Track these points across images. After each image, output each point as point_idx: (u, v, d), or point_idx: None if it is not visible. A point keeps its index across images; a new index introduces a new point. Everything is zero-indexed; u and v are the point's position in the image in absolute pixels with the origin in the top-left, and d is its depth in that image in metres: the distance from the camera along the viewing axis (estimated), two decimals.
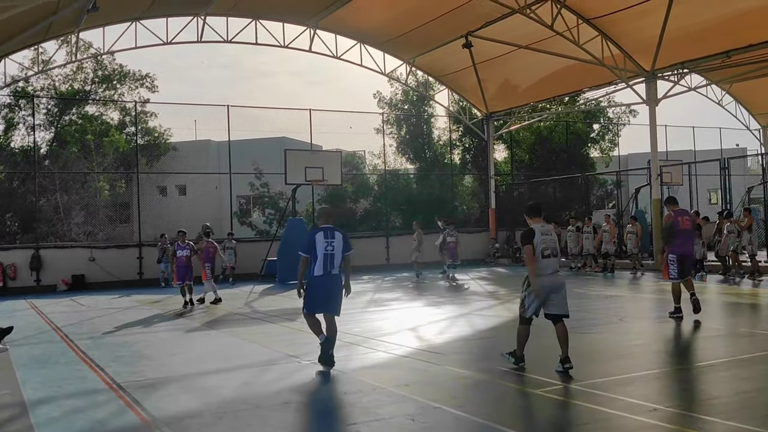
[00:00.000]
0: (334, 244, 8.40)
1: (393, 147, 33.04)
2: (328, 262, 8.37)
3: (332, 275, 8.45)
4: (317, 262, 8.36)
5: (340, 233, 8.54)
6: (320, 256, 8.33)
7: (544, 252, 7.81)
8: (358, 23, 25.25)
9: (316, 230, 8.54)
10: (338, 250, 8.43)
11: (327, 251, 8.34)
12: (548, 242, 7.86)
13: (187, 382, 8.26)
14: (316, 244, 8.36)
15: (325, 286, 8.46)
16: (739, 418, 5.87)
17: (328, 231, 8.46)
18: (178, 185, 36.13)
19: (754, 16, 19.88)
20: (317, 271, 8.38)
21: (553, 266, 7.88)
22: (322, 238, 8.37)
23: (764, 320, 12.35)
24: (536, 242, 7.79)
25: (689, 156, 31.31)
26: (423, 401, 6.78)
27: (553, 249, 7.89)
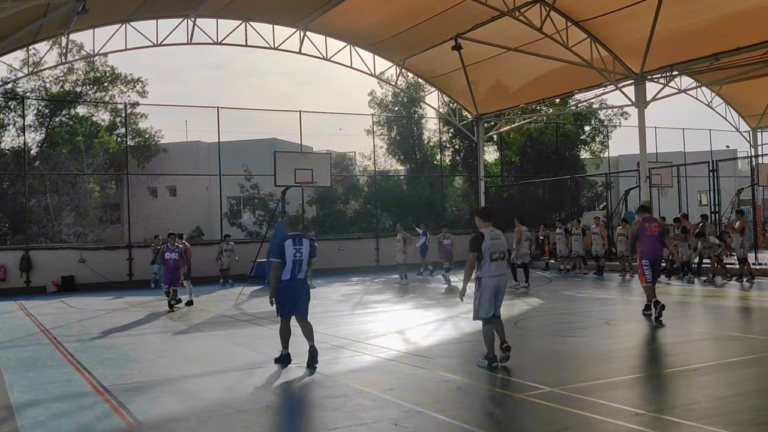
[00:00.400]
0: (302, 250, 8.88)
1: (383, 148, 33.13)
2: (295, 268, 8.84)
3: (298, 279, 8.89)
4: (286, 268, 8.80)
5: (307, 240, 9.07)
6: (289, 262, 8.78)
7: (493, 255, 8.28)
8: (348, 25, 25.26)
9: (286, 237, 8.96)
10: (305, 256, 8.91)
11: (296, 257, 8.81)
12: (497, 246, 8.35)
13: (173, 385, 8.27)
14: (285, 251, 8.78)
15: (293, 290, 8.89)
16: (722, 423, 5.91)
17: (297, 238, 8.93)
18: (169, 186, 36.07)
19: (742, 19, 19.98)
20: (285, 275, 8.82)
21: (501, 269, 8.37)
22: (291, 245, 8.83)
23: (749, 324, 12.43)
24: (485, 246, 8.26)
25: (679, 158, 31.42)
26: (407, 405, 6.80)
27: (501, 252, 8.37)
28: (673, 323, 12.27)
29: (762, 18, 19.60)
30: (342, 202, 31.68)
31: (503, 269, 8.39)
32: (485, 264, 8.27)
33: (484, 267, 8.29)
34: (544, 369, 8.60)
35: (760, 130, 32.84)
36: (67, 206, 30.73)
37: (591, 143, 36.61)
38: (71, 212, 30.92)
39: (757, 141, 33.03)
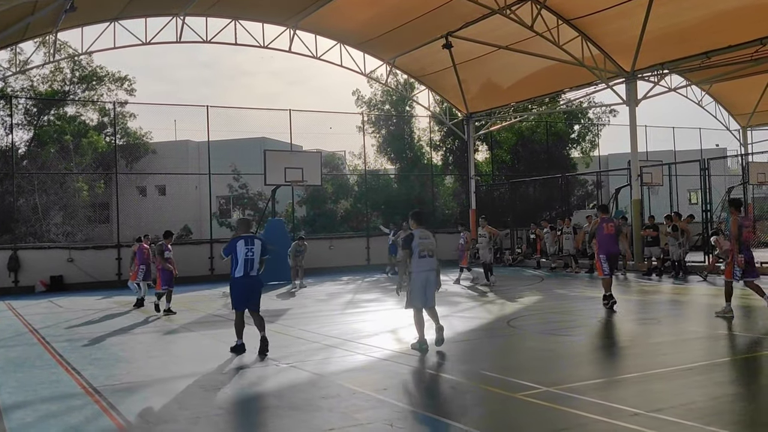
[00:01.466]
0: (254, 250, 9.73)
1: (373, 147, 33.04)
2: (247, 266, 9.69)
3: (251, 276, 9.75)
4: (238, 266, 9.67)
5: (260, 240, 9.93)
6: (241, 261, 9.65)
7: (422, 253, 9.38)
8: (338, 23, 25.15)
9: (238, 238, 9.82)
10: (257, 255, 9.76)
11: (247, 256, 9.67)
12: (426, 245, 9.46)
13: (162, 385, 8.16)
14: (237, 250, 9.66)
15: (245, 286, 9.75)
16: (719, 423, 5.86)
17: (249, 239, 9.79)
18: (158, 185, 35.87)
19: (733, 17, 20.03)
20: (238, 273, 9.70)
21: (430, 264, 9.46)
22: (243, 245, 9.70)
23: (742, 322, 12.40)
24: (415, 245, 9.37)
25: (669, 156, 31.52)
26: (402, 406, 6.73)
27: (429, 250, 9.46)
28: (666, 322, 12.28)
29: (753, 16, 19.66)
30: (332, 201, 31.56)
31: (432, 265, 9.46)
32: (415, 260, 9.37)
33: (414, 263, 9.39)
34: (538, 368, 8.53)
35: (749, 128, 33.00)
36: (56, 205, 30.48)
37: (581, 142, 36.65)
38: (60, 211, 30.67)
39: (747, 139, 33.17)
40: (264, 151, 23.17)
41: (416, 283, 9.43)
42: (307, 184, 24.89)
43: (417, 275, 9.42)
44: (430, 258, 9.44)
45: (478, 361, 9.04)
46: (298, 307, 15.67)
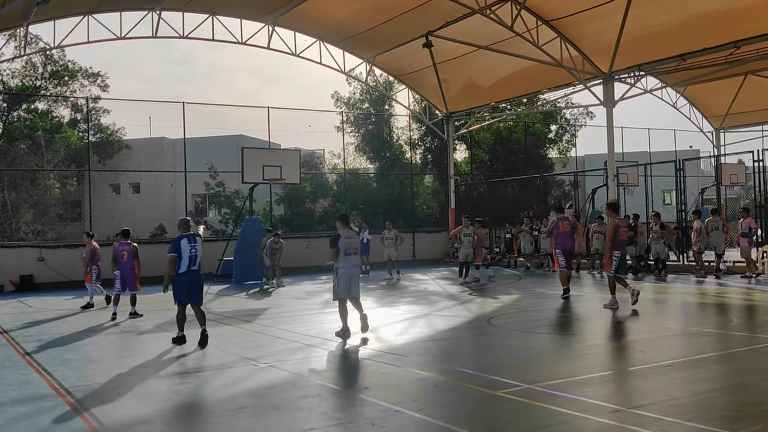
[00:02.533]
0: (197, 247, 10.45)
1: (352, 146, 32.89)
2: (191, 262, 10.35)
3: (194, 272, 10.42)
4: (182, 262, 10.28)
5: (200, 238, 10.71)
6: (185, 257, 10.28)
7: (348, 251, 10.47)
8: (318, 20, 25.01)
9: (181, 237, 10.42)
10: (199, 252, 10.50)
11: (191, 253, 10.34)
12: (351, 244, 10.53)
13: (138, 386, 7.98)
14: (181, 248, 10.27)
15: (189, 281, 10.39)
16: (700, 419, 5.87)
17: (191, 237, 10.47)
18: (132, 183, 35.43)
19: (708, 21, 20.24)
20: (182, 268, 10.30)
21: (354, 261, 10.59)
22: (187, 242, 10.36)
23: (719, 319, 12.51)
24: (341, 244, 10.42)
25: (645, 157, 31.78)
26: (383, 404, 6.63)
27: (354, 249, 10.56)
28: (645, 319, 12.34)
29: (727, 19, 19.88)
30: (310, 200, 31.38)
31: (355, 262, 10.65)
32: (341, 257, 10.44)
33: (340, 260, 10.44)
34: (519, 366, 8.51)
35: (722, 130, 33.41)
36: (26, 203, 29.95)
37: (558, 142, 36.87)
38: (30, 209, 30.15)
39: (720, 141, 33.59)
40: (241, 149, 22.95)
41: (342, 278, 10.49)
42: (286, 183, 24.70)
43: (343, 271, 10.49)
44: (355, 255, 10.59)
45: (459, 360, 8.98)
46: (276, 307, 15.52)
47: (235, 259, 22.41)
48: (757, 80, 27.23)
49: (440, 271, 24.72)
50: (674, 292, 16.48)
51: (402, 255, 22.99)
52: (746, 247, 18.93)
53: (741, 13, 19.53)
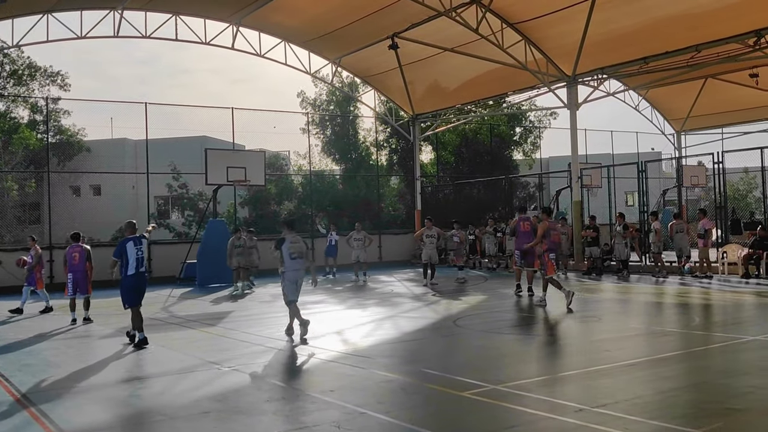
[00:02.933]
0: (142, 249, 10.63)
1: (318, 147, 32.75)
2: (138, 264, 10.53)
3: (141, 273, 10.63)
4: (130, 264, 10.45)
5: (146, 240, 10.87)
6: (132, 260, 10.45)
7: (292, 255, 10.67)
8: (283, 21, 24.84)
9: (127, 239, 10.60)
10: (145, 253, 10.72)
11: (138, 255, 10.52)
12: (295, 248, 10.75)
13: (98, 392, 7.83)
14: (127, 251, 10.46)
15: (137, 283, 10.60)
16: (663, 418, 5.94)
17: (137, 239, 10.64)
18: (93, 185, 34.81)
19: (669, 25, 20.59)
20: (130, 270, 10.48)
21: (299, 265, 10.77)
22: (133, 245, 10.53)
23: (681, 319, 12.71)
24: (285, 248, 10.65)
25: (608, 159, 32.17)
26: (349, 407, 6.59)
27: (299, 253, 10.76)
28: (609, 319, 12.49)
29: (688, 24, 20.25)
30: (276, 202, 31.15)
31: (300, 265, 10.77)
32: (286, 261, 10.67)
33: (285, 263, 10.68)
34: (485, 366, 8.53)
35: (683, 132, 33.98)
36: None
37: (523, 144, 37.17)
38: None
39: (681, 143, 34.18)
40: (205, 150, 22.67)
41: (288, 281, 10.74)
42: (250, 185, 24.45)
43: (288, 274, 10.73)
44: (300, 259, 10.77)
45: (425, 361, 8.97)
46: (240, 310, 15.36)
47: (198, 261, 22.12)
48: (717, 84, 27.76)
49: (407, 272, 24.74)
50: (637, 292, 16.70)
51: (369, 257, 22.90)
52: (703, 248, 19.32)
53: (702, 18, 19.91)
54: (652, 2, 20.02)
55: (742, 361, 8.49)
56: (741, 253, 18.96)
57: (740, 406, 6.36)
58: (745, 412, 6.17)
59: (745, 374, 7.66)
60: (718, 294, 15.82)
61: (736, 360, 8.53)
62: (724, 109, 30.45)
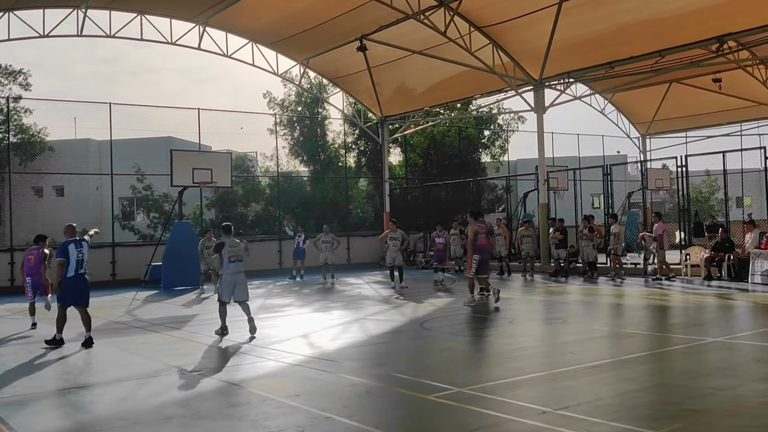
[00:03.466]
0: (83, 251, 10.84)
1: (286, 149, 32.57)
2: (78, 266, 10.76)
3: (80, 275, 10.83)
4: (70, 266, 10.67)
5: (86, 243, 11.06)
6: (73, 262, 10.68)
7: (231, 258, 11.28)
8: (250, 22, 24.66)
9: (68, 242, 10.80)
10: (86, 256, 10.91)
11: (78, 257, 10.75)
12: (234, 251, 11.33)
13: (59, 397, 7.71)
14: (69, 253, 10.66)
15: (77, 284, 10.78)
16: (624, 419, 6.01)
17: (77, 242, 10.86)
18: (56, 186, 34.17)
19: (635, 30, 20.90)
20: (70, 272, 10.68)
21: (237, 268, 11.33)
22: (74, 248, 10.75)
23: (644, 321, 12.89)
24: (224, 252, 11.26)
25: (574, 162, 32.51)
26: (314, 411, 6.56)
27: (237, 256, 11.34)
28: (574, 321, 12.62)
29: (653, 29, 20.59)
30: (242, 204, 30.91)
31: (239, 268, 11.35)
32: (225, 264, 11.27)
33: (224, 266, 11.29)
34: (451, 369, 8.56)
35: (648, 136, 34.50)
36: None
37: (491, 147, 37.38)
38: None
39: (646, 147, 34.70)
40: (171, 151, 22.42)
41: (225, 283, 11.35)
42: (217, 186, 24.23)
43: (226, 276, 11.34)
44: (239, 262, 11.34)
45: (391, 364, 8.97)
46: (205, 313, 15.18)
47: (163, 264, 21.85)
48: (682, 88, 28.24)
49: (375, 275, 24.72)
50: (602, 294, 16.89)
51: (337, 259, 22.82)
52: (659, 252, 19.62)
53: (666, 24, 20.26)
54: (617, 8, 20.31)
55: (703, 362, 8.63)
56: (703, 256, 19.29)
57: (700, 407, 6.47)
58: (705, 413, 6.27)
59: (705, 375, 7.79)
60: (680, 296, 16.08)
61: (698, 361, 8.67)
62: (688, 113, 31.01)
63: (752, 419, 6.11)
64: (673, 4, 19.55)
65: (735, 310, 14.01)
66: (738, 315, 13.40)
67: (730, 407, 6.47)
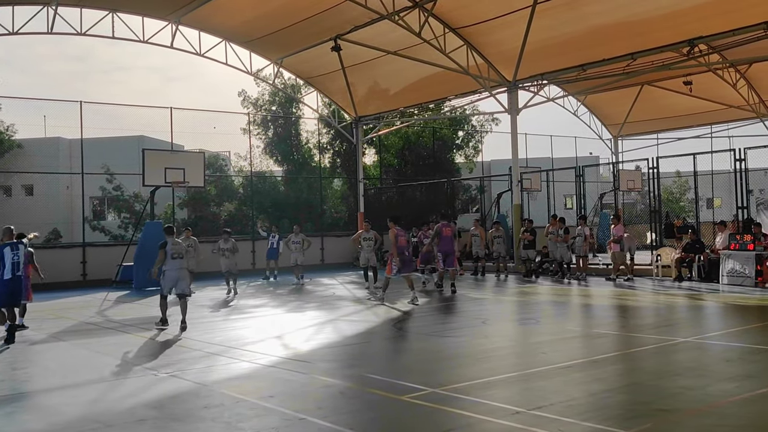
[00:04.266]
0: (19, 254, 11.27)
1: (260, 148, 32.38)
2: (15, 268, 11.17)
3: (17, 276, 11.26)
4: (6, 269, 11.06)
5: (23, 245, 11.55)
6: (8, 264, 11.09)
7: (173, 255, 12.19)
8: (224, 20, 24.49)
9: (5, 245, 11.22)
10: (22, 259, 11.37)
11: (14, 260, 11.14)
12: (176, 249, 12.27)
13: (30, 400, 7.61)
14: (4, 256, 11.08)
15: (12, 286, 11.19)
16: (596, 419, 6.07)
17: (14, 245, 11.30)
18: (25, 185, 33.60)
19: (607, 33, 21.14)
20: (6, 275, 11.08)
21: (179, 264, 12.28)
22: (9, 251, 11.18)
23: (616, 321, 13.04)
24: (168, 249, 12.17)
25: (547, 163, 32.83)
26: (288, 413, 6.55)
27: (179, 253, 12.28)
28: (547, 321, 12.72)
29: (625, 32, 20.83)
30: (215, 203, 30.68)
31: (181, 265, 12.33)
32: (168, 260, 12.16)
33: (167, 262, 12.16)
34: (424, 370, 8.58)
35: (620, 138, 34.89)
36: None
37: (465, 148, 37.54)
38: None
39: (618, 148, 35.09)
40: (143, 150, 22.20)
41: (167, 278, 12.24)
42: (189, 186, 24.03)
43: (168, 272, 12.23)
44: (180, 259, 12.31)
45: (365, 365, 8.98)
46: (178, 314, 15.04)
47: (135, 264, 21.61)
48: (653, 90, 28.63)
49: (349, 275, 24.71)
50: (574, 295, 17.06)
51: (310, 259, 22.77)
52: (618, 252, 19.88)
53: (638, 27, 20.51)
54: (590, 10, 20.52)
55: (673, 362, 8.74)
56: (674, 256, 19.56)
57: (670, 407, 6.55)
58: (675, 413, 6.36)
59: (675, 375, 7.88)
60: (651, 296, 16.29)
61: (668, 362, 8.78)
62: (660, 116, 31.43)
63: (721, 418, 6.21)
64: (645, 7, 19.81)
65: (705, 310, 14.23)
66: (708, 315, 13.60)
67: (700, 407, 6.58)
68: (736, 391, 7.06)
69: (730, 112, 29.14)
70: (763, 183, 28.48)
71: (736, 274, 17.34)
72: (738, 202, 19.41)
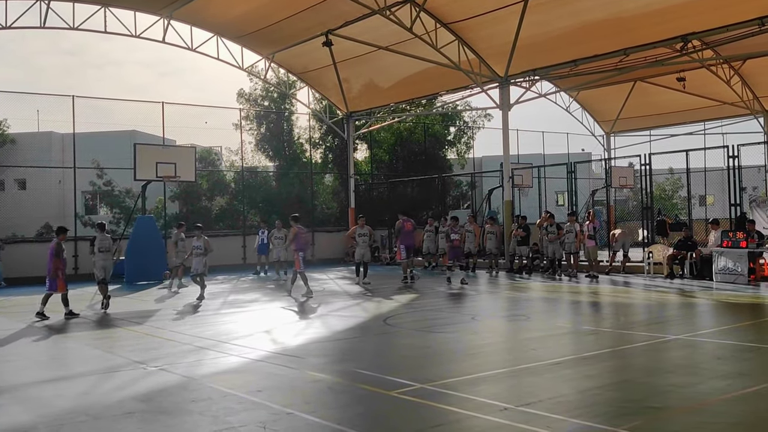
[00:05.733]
0: None
1: (251, 144, 32.28)
2: None
3: None
4: None
5: None
6: None
7: (100, 249, 14.70)
8: (215, 15, 24.39)
9: None
10: None
11: None
12: (102, 244, 14.81)
13: (20, 392, 7.58)
14: None
15: None
16: (585, 416, 6.06)
17: None
18: (17, 179, 33.42)
19: (599, 29, 21.11)
20: None
21: (106, 256, 14.80)
22: None
23: (605, 318, 13.06)
24: (96, 242, 14.69)
25: (539, 159, 32.77)
26: (276, 407, 6.53)
27: (105, 248, 14.86)
28: (538, 318, 12.73)
29: (617, 28, 20.80)
30: (207, 198, 30.59)
31: (107, 256, 14.88)
32: (96, 252, 14.66)
33: (96, 254, 14.66)
34: (413, 365, 8.57)
35: (612, 134, 34.93)
36: None
37: (457, 144, 37.51)
38: None
39: (610, 145, 35.12)
40: (134, 145, 22.12)
41: (98, 266, 14.67)
42: (181, 180, 23.97)
43: (98, 262, 14.70)
44: (107, 252, 14.85)
45: (354, 360, 8.96)
46: (168, 308, 15.04)
47: (126, 258, 21.55)
48: (646, 87, 28.63)
49: (340, 270, 24.69)
50: (565, 291, 17.08)
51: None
52: (593, 248, 19.91)
53: (630, 23, 20.50)
54: (582, 6, 20.49)
55: (664, 359, 8.73)
56: (666, 254, 19.60)
57: (660, 404, 6.52)
58: (665, 410, 6.33)
59: (666, 373, 7.87)
60: (643, 293, 16.31)
61: (659, 359, 8.77)
62: (652, 112, 31.46)
63: (712, 416, 6.20)
64: (637, 3, 19.76)
65: (697, 307, 14.23)
66: (700, 313, 13.60)
67: (690, 404, 6.57)
68: (727, 389, 7.05)
69: (723, 109, 29.19)
70: (756, 180, 28.56)
71: (728, 271, 17.33)
72: (731, 199, 19.44)
